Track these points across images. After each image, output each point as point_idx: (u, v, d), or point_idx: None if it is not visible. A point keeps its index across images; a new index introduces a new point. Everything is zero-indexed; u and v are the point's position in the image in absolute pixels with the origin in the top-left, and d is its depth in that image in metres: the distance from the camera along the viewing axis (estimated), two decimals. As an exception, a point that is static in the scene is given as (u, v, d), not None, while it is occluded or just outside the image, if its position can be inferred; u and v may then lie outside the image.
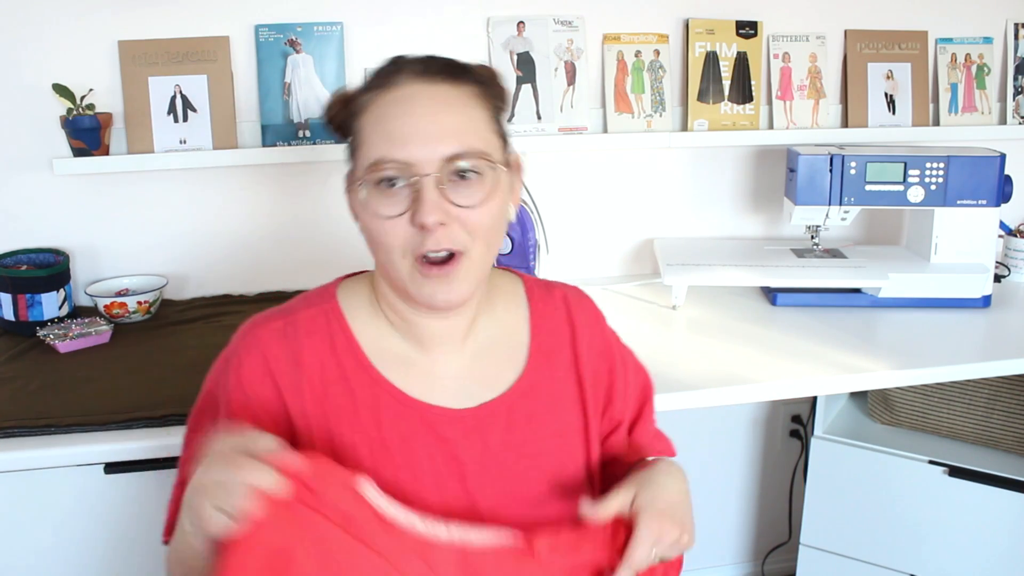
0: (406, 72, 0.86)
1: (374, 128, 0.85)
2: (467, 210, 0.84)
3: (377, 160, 0.83)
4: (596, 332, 1.02)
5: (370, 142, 0.85)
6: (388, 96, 0.85)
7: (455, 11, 1.77)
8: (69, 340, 1.48)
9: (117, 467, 1.20)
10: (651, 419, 1.08)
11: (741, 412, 2.13)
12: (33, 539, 1.23)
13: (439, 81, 0.86)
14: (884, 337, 1.59)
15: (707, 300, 1.76)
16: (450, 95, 0.86)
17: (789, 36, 1.93)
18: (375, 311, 0.94)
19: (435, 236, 0.83)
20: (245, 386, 0.88)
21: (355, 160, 0.88)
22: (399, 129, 0.83)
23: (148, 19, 1.64)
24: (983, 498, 1.67)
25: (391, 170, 0.83)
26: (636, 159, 1.92)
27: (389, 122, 0.84)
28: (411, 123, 0.83)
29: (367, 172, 0.84)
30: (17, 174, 1.66)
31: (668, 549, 0.87)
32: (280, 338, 0.90)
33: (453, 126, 0.84)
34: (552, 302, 1.01)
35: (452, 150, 0.83)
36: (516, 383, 0.95)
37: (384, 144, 0.83)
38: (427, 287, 0.86)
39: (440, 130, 0.83)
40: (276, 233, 1.77)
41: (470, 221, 0.85)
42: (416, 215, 0.82)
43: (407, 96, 0.84)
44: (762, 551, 2.24)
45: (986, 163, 1.70)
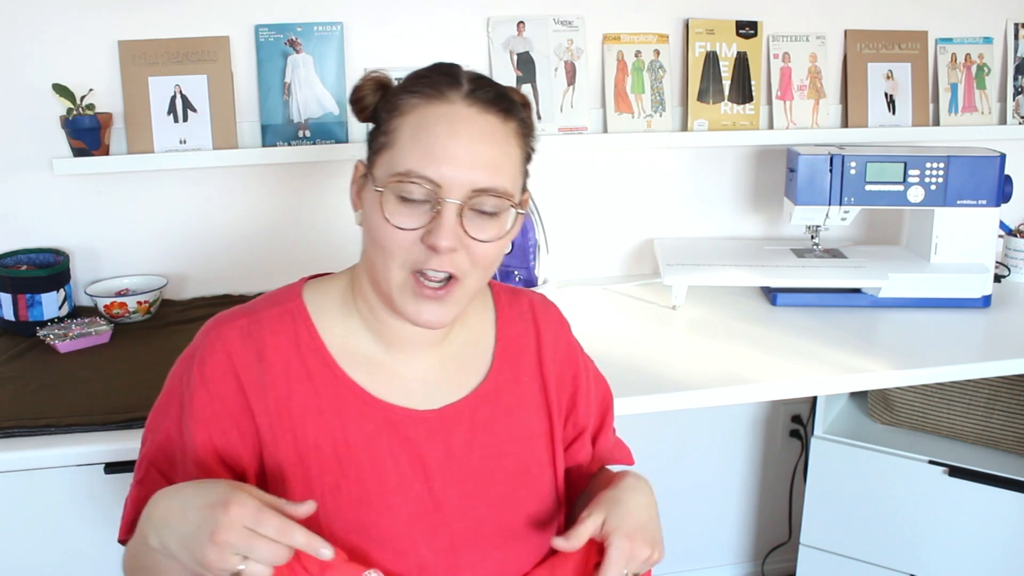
0: (459, 90, 0.85)
1: (413, 136, 0.83)
2: (477, 243, 0.85)
3: (407, 171, 0.82)
4: (561, 339, 1.03)
5: (405, 149, 0.83)
6: (436, 109, 0.84)
7: (455, 11, 1.77)
8: (69, 340, 1.48)
9: (117, 467, 1.20)
10: (612, 428, 1.10)
11: (741, 412, 2.13)
12: (33, 539, 1.23)
13: (490, 111, 0.85)
14: (884, 337, 1.59)
15: (707, 300, 1.76)
16: (496, 129, 0.85)
17: (789, 36, 1.93)
18: (347, 310, 0.94)
19: (441, 259, 0.83)
20: (209, 383, 0.88)
21: (380, 156, 0.86)
22: (438, 147, 0.82)
23: (148, 19, 1.64)
24: (983, 498, 1.67)
25: (418, 185, 0.82)
26: (636, 159, 1.92)
27: (430, 137, 0.83)
28: (452, 145, 0.82)
29: (393, 178, 0.83)
30: (17, 174, 1.66)
31: (639, 567, 0.88)
32: (244, 336, 0.89)
33: (490, 160, 0.84)
34: (519, 308, 1.02)
35: (483, 184, 0.83)
36: (480, 386, 0.96)
37: (419, 157, 0.82)
38: (414, 305, 0.86)
39: (477, 161, 0.83)
40: (276, 233, 1.77)
41: (477, 253, 0.85)
42: (431, 235, 0.82)
43: (455, 116, 0.83)
44: (762, 551, 2.24)
45: (986, 163, 1.70)
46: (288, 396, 0.89)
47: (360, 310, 0.93)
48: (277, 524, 0.72)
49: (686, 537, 2.17)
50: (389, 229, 0.83)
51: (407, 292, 0.86)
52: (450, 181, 0.82)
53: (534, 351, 1.00)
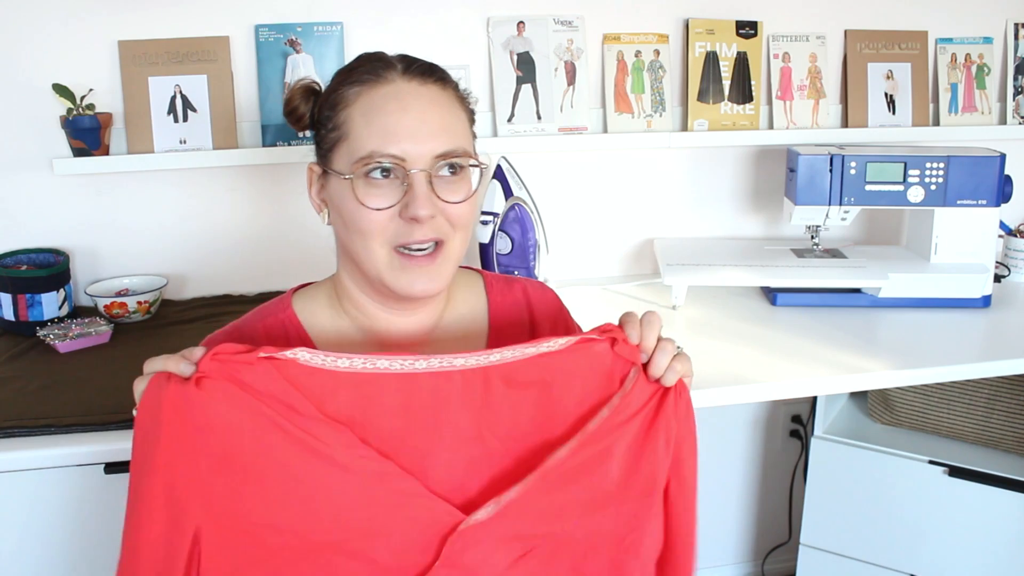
0: (394, 69, 0.88)
1: (365, 120, 0.86)
2: (452, 205, 0.87)
3: (370, 153, 0.85)
4: (558, 321, 1.04)
5: (361, 134, 0.86)
6: (380, 90, 0.87)
7: (455, 11, 1.77)
8: (69, 340, 1.48)
9: (117, 467, 1.20)
10: None
11: (741, 412, 2.13)
12: (33, 539, 1.23)
13: (428, 81, 0.89)
14: (884, 337, 1.59)
15: (707, 300, 1.76)
16: (438, 96, 0.89)
17: (789, 36, 1.93)
18: (335, 315, 0.95)
19: (423, 228, 0.86)
20: None
21: (336, 150, 0.88)
22: (393, 125, 0.85)
23: (148, 19, 1.64)
24: (983, 498, 1.67)
25: (384, 164, 0.85)
26: (636, 159, 1.92)
27: (382, 116, 0.86)
28: (405, 119, 0.85)
29: (357, 164, 0.86)
30: (17, 174, 1.66)
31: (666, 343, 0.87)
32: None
33: (443, 125, 0.87)
34: (512, 295, 1.02)
35: (443, 148, 0.86)
36: None
37: (377, 138, 0.85)
38: (405, 276, 0.88)
39: (432, 128, 0.86)
40: (276, 233, 1.77)
41: (454, 215, 0.88)
42: (409, 208, 0.85)
43: (399, 92, 0.87)
44: (762, 551, 2.24)
45: (986, 163, 1.70)
46: None
47: (349, 312, 0.94)
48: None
49: (686, 537, 2.17)
50: (365, 212, 0.86)
51: (395, 268, 0.88)
52: (412, 153, 0.85)
53: (529, 336, 1.00)
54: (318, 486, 0.76)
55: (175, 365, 0.76)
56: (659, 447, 0.85)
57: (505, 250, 1.66)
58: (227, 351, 0.77)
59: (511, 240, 1.65)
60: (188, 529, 0.76)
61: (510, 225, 1.65)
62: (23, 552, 1.23)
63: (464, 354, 0.81)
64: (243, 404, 0.76)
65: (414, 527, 0.78)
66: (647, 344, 0.86)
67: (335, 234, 0.94)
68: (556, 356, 0.84)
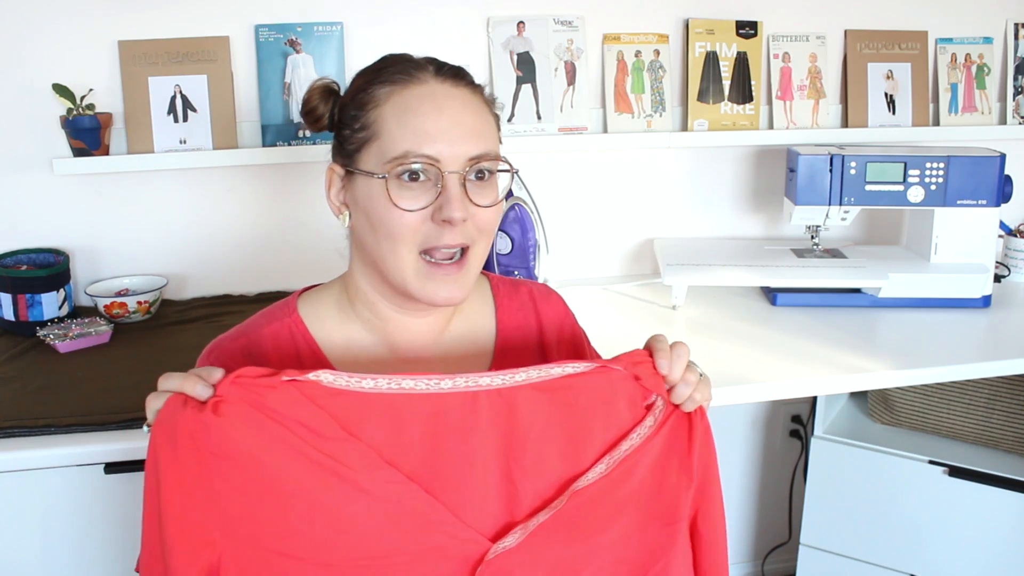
0: (427, 70, 0.87)
1: (399, 120, 0.84)
2: (482, 209, 0.86)
3: (405, 153, 0.83)
4: (565, 326, 1.03)
5: (394, 134, 0.84)
6: (414, 91, 0.85)
7: (455, 11, 1.77)
8: (69, 340, 1.48)
9: (117, 467, 1.20)
10: None
11: (741, 412, 2.13)
12: (33, 539, 1.23)
13: (460, 84, 0.88)
14: (884, 337, 1.59)
15: (707, 300, 1.76)
16: (471, 99, 0.88)
17: (789, 36, 1.93)
18: (345, 316, 0.94)
19: (454, 231, 0.85)
20: None
21: (365, 151, 0.86)
22: (427, 125, 0.84)
23: (148, 19, 1.64)
24: (983, 498, 1.67)
25: (419, 164, 0.83)
26: (636, 159, 1.92)
27: (417, 117, 0.84)
28: (440, 120, 0.84)
29: (390, 164, 0.84)
30: (17, 174, 1.66)
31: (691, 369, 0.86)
32: (245, 356, 0.90)
33: (476, 128, 0.86)
34: (519, 299, 1.02)
35: (476, 151, 0.85)
36: None
37: (412, 138, 0.84)
38: (432, 284, 0.87)
39: (465, 131, 0.85)
40: (276, 233, 1.77)
41: (482, 219, 0.87)
42: (443, 210, 0.84)
43: (435, 93, 0.86)
44: (762, 551, 2.24)
45: (986, 163, 1.70)
46: None
47: (360, 314, 0.93)
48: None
49: (686, 537, 2.17)
50: (397, 213, 0.84)
51: (420, 275, 0.87)
52: (447, 155, 0.84)
53: (536, 340, 1.00)
54: (341, 512, 0.75)
55: (192, 387, 0.74)
56: (681, 473, 0.85)
57: (505, 250, 1.66)
58: (249, 375, 0.74)
59: (511, 240, 1.65)
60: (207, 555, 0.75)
61: (510, 225, 1.65)
62: (23, 552, 1.23)
63: (490, 373, 0.80)
64: (264, 429, 0.74)
65: (441, 554, 0.77)
66: (673, 377, 0.85)
67: (353, 236, 0.92)
68: (581, 378, 0.83)
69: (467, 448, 0.78)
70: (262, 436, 0.74)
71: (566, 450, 0.82)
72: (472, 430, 0.79)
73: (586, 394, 0.82)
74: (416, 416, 0.78)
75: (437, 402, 0.78)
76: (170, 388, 0.75)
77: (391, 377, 0.78)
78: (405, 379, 0.78)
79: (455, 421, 0.78)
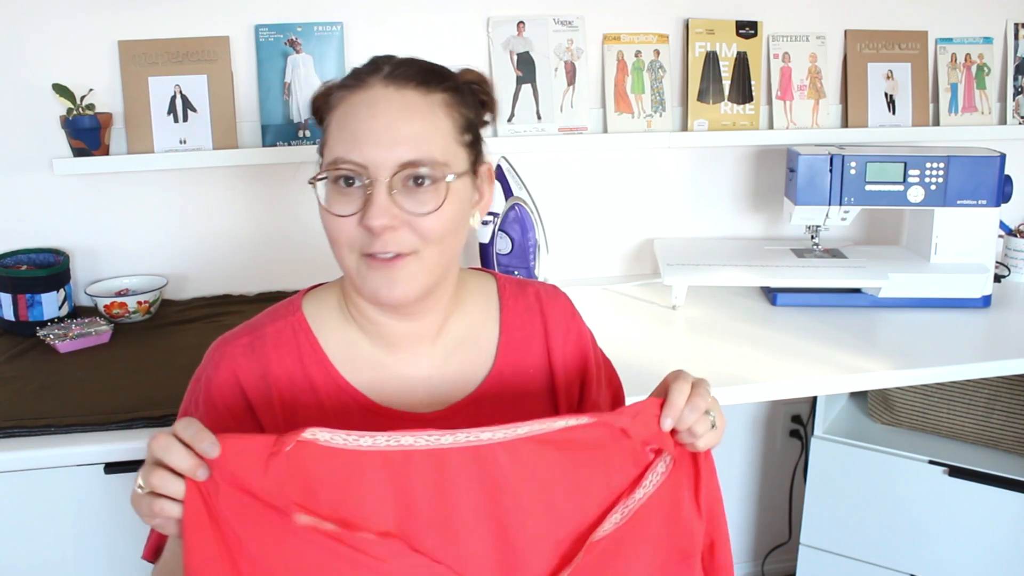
0: (378, 74, 0.86)
1: (339, 126, 0.86)
2: (418, 216, 0.84)
3: (335, 159, 0.84)
4: (572, 329, 1.02)
5: (333, 139, 0.86)
6: (357, 96, 0.86)
7: (455, 11, 1.77)
8: (69, 340, 1.48)
9: (117, 467, 1.20)
10: None
11: (741, 412, 2.13)
12: (33, 539, 1.23)
13: (408, 87, 0.85)
14: (884, 337, 1.59)
15: (707, 300, 1.76)
16: (415, 102, 0.85)
17: (789, 36, 1.93)
18: (344, 317, 0.94)
19: (382, 239, 0.84)
20: (216, 401, 0.88)
21: (323, 157, 0.89)
22: (359, 131, 0.84)
23: (148, 19, 1.64)
24: (983, 498, 1.67)
25: (346, 170, 0.84)
26: (636, 159, 1.92)
27: (352, 122, 0.85)
28: (372, 126, 0.84)
29: (326, 169, 0.86)
30: (17, 174, 1.66)
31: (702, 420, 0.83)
32: (248, 353, 0.90)
33: (412, 133, 0.84)
34: (525, 300, 1.01)
35: (408, 157, 0.83)
36: (484, 381, 0.95)
37: (344, 144, 0.84)
38: (371, 281, 0.86)
39: (398, 136, 0.83)
40: (276, 233, 1.77)
41: (421, 226, 0.85)
42: (364, 217, 0.83)
43: (373, 99, 0.85)
44: (762, 551, 2.24)
45: (986, 163, 1.70)
46: (294, 410, 0.89)
47: (355, 316, 0.94)
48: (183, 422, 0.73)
49: (686, 537, 2.17)
50: (331, 218, 0.85)
51: (362, 272, 0.87)
52: (375, 161, 0.83)
53: (542, 342, 0.99)
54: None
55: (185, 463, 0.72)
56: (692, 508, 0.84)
57: (505, 250, 1.66)
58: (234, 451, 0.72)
59: (511, 240, 1.65)
60: None
61: (510, 225, 1.65)
62: (23, 552, 1.23)
63: (491, 428, 0.78)
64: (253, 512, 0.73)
65: None
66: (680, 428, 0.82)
67: None
68: (583, 430, 0.81)
69: (470, 502, 0.77)
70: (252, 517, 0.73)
71: (572, 500, 0.81)
72: (476, 485, 0.78)
73: (589, 444, 0.81)
74: (416, 472, 0.76)
75: (438, 457, 0.77)
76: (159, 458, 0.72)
77: (390, 434, 0.76)
78: (404, 436, 0.76)
79: (458, 478, 0.77)
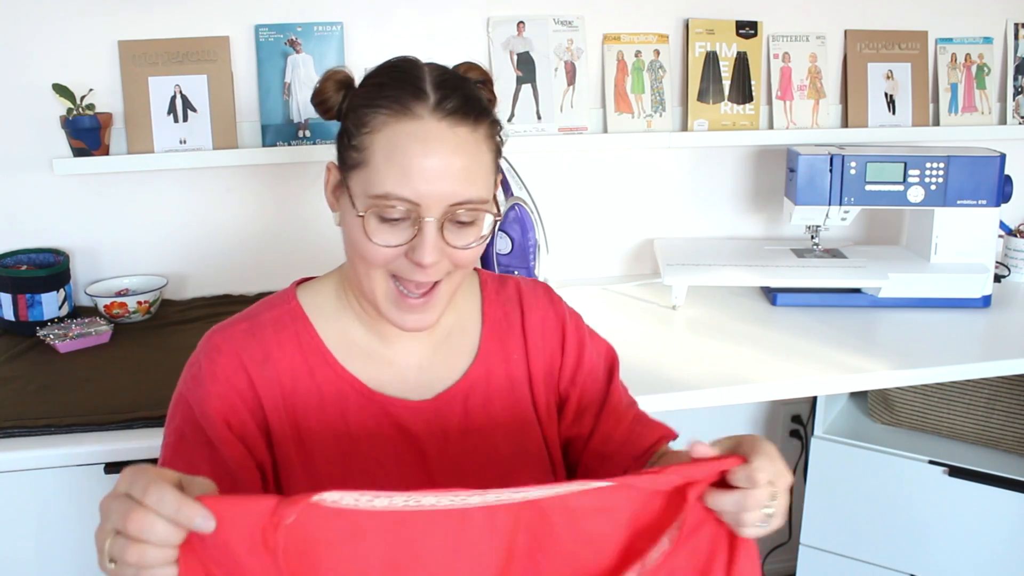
0: (426, 104, 0.83)
1: (387, 157, 0.83)
2: (459, 249, 0.87)
3: (386, 193, 0.83)
4: (548, 315, 1.03)
5: (380, 170, 0.83)
6: (407, 127, 0.83)
7: (455, 11, 1.77)
8: (69, 340, 1.48)
9: (117, 467, 1.20)
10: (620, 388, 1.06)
11: (741, 412, 2.13)
12: (33, 539, 1.23)
13: (460, 125, 0.84)
14: (884, 337, 1.59)
15: (707, 300, 1.76)
16: (467, 140, 0.85)
17: (789, 36, 1.93)
18: (341, 305, 0.96)
19: (427, 272, 0.86)
20: (219, 380, 0.88)
21: (355, 174, 0.86)
22: (414, 168, 0.82)
23: (148, 19, 1.64)
24: (983, 498, 1.67)
25: (398, 206, 0.83)
26: (636, 159, 1.92)
27: (404, 158, 0.82)
28: (426, 164, 0.82)
29: (372, 200, 0.84)
30: (17, 174, 1.66)
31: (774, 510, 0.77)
32: (249, 336, 0.91)
33: (464, 173, 0.84)
34: (505, 292, 1.03)
35: (459, 198, 0.84)
36: (468, 370, 0.98)
37: (395, 178, 0.82)
38: (399, 313, 0.89)
39: (452, 176, 0.83)
40: (276, 233, 1.77)
41: (458, 258, 0.87)
42: (415, 252, 0.84)
43: (426, 134, 0.83)
44: (762, 551, 2.24)
45: (986, 163, 1.70)
46: (293, 392, 0.91)
47: (354, 305, 0.96)
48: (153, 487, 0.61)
49: (686, 537, 2.17)
50: (372, 247, 0.85)
51: (390, 300, 0.89)
52: (428, 198, 0.83)
53: (520, 328, 1.01)
54: None
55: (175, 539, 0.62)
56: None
57: (505, 250, 1.66)
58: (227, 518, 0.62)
59: (511, 240, 1.65)
60: None
61: (510, 225, 1.65)
62: (23, 552, 1.23)
63: (523, 488, 0.74)
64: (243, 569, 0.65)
65: None
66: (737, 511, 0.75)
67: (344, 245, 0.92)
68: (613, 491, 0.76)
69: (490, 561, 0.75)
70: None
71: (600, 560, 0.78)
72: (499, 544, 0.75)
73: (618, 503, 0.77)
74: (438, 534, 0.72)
75: (461, 518, 0.73)
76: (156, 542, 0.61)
77: (409, 495, 0.70)
78: (426, 496, 0.71)
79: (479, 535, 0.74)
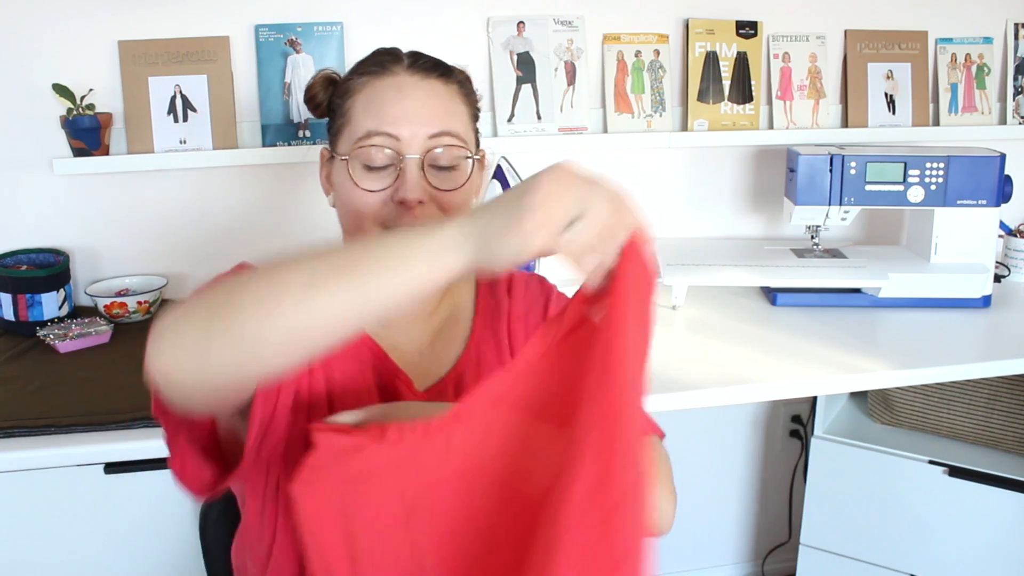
0: (400, 64, 0.93)
1: (366, 106, 0.91)
2: (445, 192, 0.91)
3: (367, 132, 0.89)
4: (532, 289, 1.05)
5: (360, 118, 0.91)
6: (383, 82, 0.92)
7: (455, 11, 1.77)
8: (69, 340, 1.48)
9: (117, 467, 1.20)
10: None
11: (741, 412, 2.13)
12: (33, 539, 1.23)
13: (431, 76, 0.93)
14: (884, 337, 1.59)
15: (707, 300, 1.76)
16: (439, 88, 0.93)
17: (789, 36, 1.93)
18: None
19: (413, 213, 0.89)
20: None
21: (340, 136, 0.93)
22: (391, 109, 0.90)
23: (148, 19, 1.64)
24: (983, 498, 1.67)
25: (379, 142, 0.89)
26: (636, 159, 1.92)
27: (382, 102, 0.90)
28: (402, 105, 0.90)
29: (355, 144, 0.90)
30: (17, 174, 1.66)
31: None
32: None
33: (440, 113, 0.91)
34: (499, 282, 1.05)
35: (435, 128, 0.90)
36: (461, 356, 0.99)
37: (374, 119, 0.90)
38: None
39: (428, 115, 0.90)
40: (276, 233, 1.77)
41: (446, 202, 0.91)
42: (399, 191, 0.89)
43: (401, 84, 0.91)
44: (762, 551, 2.24)
45: (986, 163, 1.70)
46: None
47: None
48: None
49: (686, 537, 2.17)
50: (359, 193, 0.90)
51: None
52: (407, 135, 0.89)
53: (506, 310, 1.03)
54: None
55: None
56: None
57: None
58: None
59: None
60: None
61: (510, 225, 1.65)
62: (23, 552, 1.23)
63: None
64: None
65: None
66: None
67: (338, 217, 0.97)
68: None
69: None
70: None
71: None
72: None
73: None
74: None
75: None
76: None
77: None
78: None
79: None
